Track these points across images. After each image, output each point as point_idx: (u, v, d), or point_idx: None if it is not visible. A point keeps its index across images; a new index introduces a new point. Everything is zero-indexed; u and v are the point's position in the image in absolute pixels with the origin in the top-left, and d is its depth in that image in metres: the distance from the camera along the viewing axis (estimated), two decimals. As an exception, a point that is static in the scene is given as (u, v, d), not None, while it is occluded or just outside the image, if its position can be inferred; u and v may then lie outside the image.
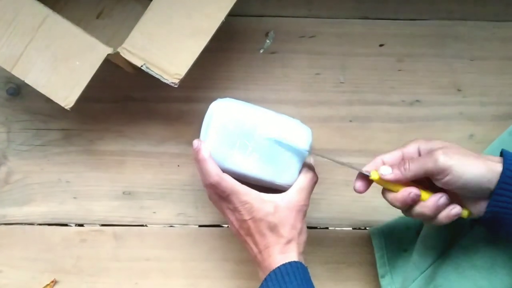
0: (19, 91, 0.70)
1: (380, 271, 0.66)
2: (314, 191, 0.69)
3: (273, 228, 0.55)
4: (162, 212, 0.70)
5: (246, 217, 0.56)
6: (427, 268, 0.61)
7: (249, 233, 0.56)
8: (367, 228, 0.70)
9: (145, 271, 0.69)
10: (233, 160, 0.58)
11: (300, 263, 0.55)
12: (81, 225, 0.70)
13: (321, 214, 0.70)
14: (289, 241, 0.56)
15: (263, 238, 0.56)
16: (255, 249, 0.57)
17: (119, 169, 0.70)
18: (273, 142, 0.58)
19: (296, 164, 0.59)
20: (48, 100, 0.59)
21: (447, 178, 0.50)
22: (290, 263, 0.54)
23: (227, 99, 0.61)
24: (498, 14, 0.73)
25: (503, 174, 0.49)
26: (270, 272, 0.54)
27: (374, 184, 0.57)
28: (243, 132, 0.58)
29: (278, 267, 0.54)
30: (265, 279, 0.54)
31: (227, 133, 0.58)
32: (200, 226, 0.70)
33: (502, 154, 0.52)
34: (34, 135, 0.70)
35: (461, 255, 0.58)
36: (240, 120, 0.59)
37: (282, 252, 0.55)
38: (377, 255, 0.66)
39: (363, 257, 0.69)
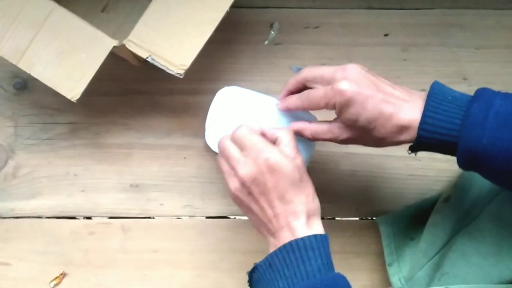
0: (25, 86, 0.71)
1: (388, 259, 0.66)
2: (320, 182, 0.70)
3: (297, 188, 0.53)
4: (169, 204, 0.70)
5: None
6: (434, 256, 0.61)
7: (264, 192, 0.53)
8: (373, 218, 0.70)
9: (153, 262, 0.69)
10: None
11: (325, 236, 0.52)
12: (89, 217, 0.70)
13: (328, 204, 0.70)
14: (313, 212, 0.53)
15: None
16: (269, 212, 0.52)
17: (126, 162, 0.71)
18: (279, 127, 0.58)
19: (302, 152, 0.59)
20: (55, 94, 0.60)
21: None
22: (315, 236, 0.50)
23: (234, 87, 0.62)
24: (503, 2, 0.73)
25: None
26: (292, 241, 0.50)
27: (380, 174, 0.58)
28: (249, 119, 0.58)
29: (302, 238, 0.50)
30: (284, 246, 0.50)
31: (233, 120, 0.59)
32: (207, 217, 0.70)
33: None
34: (41, 129, 0.71)
35: (467, 242, 0.58)
36: (246, 108, 0.59)
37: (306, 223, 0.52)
38: (384, 244, 0.66)
39: (370, 246, 0.69)
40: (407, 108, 0.51)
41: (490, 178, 0.50)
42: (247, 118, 0.59)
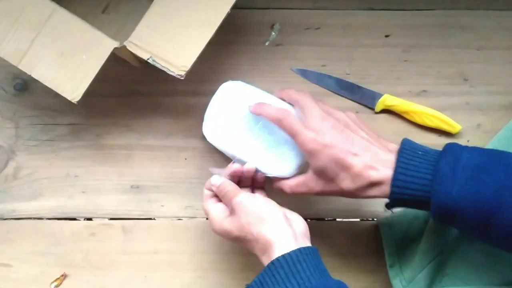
0: (26, 87, 0.71)
1: (389, 261, 0.66)
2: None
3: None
4: (170, 205, 0.70)
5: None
6: (435, 258, 0.61)
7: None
8: (374, 219, 0.70)
9: (154, 263, 0.69)
10: (233, 143, 0.60)
11: (312, 247, 0.53)
12: (90, 219, 0.70)
13: (329, 206, 0.70)
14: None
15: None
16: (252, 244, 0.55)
17: (127, 163, 0.71)
18: (275, 127, 0.58)
19: (294, 157, 0.59)
20: (56, 95, 0.60)
21: None
22: (300, 249, 0.51)
23: (239, 82, 0.62)
24: (503, 4, 0.74)
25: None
26: (279, 257, 0.51)
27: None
28: (247, 115, 0.59)
29: (289, 253, 0.51)
30: (272, 263, 0.51)
31: (233, 114, 0.59)
32: (207, 218, 0.70)
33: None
34: (42, 130, 0.71)
35: (468, 243, 0.58)
36: (245, 104, 0.60)
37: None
38: (385, 245, 0.66)
39: (371, 247, 0.69)
40: (378, 165, 0.52)
41: (465, 231, 0.52)
42: (245, 113, 0.60)
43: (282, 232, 0.52)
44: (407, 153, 0.52)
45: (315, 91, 0.72)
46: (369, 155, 0.53)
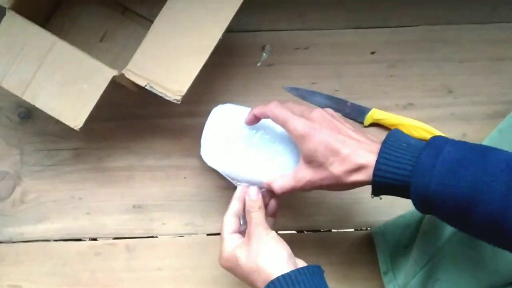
0: (30, 115, 0.73)
1: (382, 268, 0.68)
2: (316, 195, 0.72)
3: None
4: (171, 223, 0.73)
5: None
6: (426, 263, 0.62)
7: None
8: (368, 228, 0.72)
9: (158, 280, 0.71)
10: (232, 164, 0.62)
11: (313, 266, 0.54)
12: (95, 239, 0.73)
13: (323, 217, 0.73)
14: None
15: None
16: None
17: (128, 184, 0.73)
18: (270, 143, 0.61)
19: (294, 165, 0.62)
20: (58, 122, 0.62)
21: None
22: (298, 269, 0.53)
23: (228, 104, 0.65)
24: (483, 17, 0.76)
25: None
26: (278, 276, 0.51)
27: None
28: (242, 136, 0.62)
29: (288, 273, 0.52)
30: (272, 282, 0.52)
31: (226, 137, 0.62)
32: (208, 234, 0.73)
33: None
34: (46, 156, 0.73)
35: (458, 248, 0.60)
36: (239, 124, 0.62)
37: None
38: (379, 253, 0.68)
39: (365, 256, 0.71)
40: (364, 151, 0.54)
41: (445, 221, 0.52)
42: (240, 134, 0.62)
43: (286, 269, 0.53)
44: (391, 143, 0.52)
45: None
46: (355, 142, 0.55)
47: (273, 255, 0.54)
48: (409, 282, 0.64)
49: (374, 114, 0.73)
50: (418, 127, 0.72)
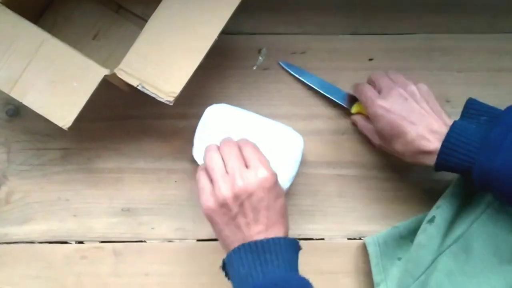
0: (18, 112, 0.72)
1: (376, 279, 0.67)
2: (309, 203, 0.71)
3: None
4: (161, 228, 0.71)
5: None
6: (420, 276, 0.62)
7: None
8: (361, 238, 0.71)
9: (145, 286, 0.70)
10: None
11: (289, 239, 0.53)
12: (81, 242, 0.71)
13: (316, 225, 0.71)
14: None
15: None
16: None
17: (117, 186, 0.72)
18: (264, 146, 0.60)
19: (285, 172, 0.61)
20: (47, 120, 0.61)
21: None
22: (274, 238, 0.52)
23: (223, 104, 0.64)
24: (482, 27, 0.76)
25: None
26: (251, 241, 0.51)
27: (367, 195, 0.60)
28: (235, 136, 0.60)
29: (261, 240, 0.51)
30: (243, 245, 0.51)
31: (220, 137, 0.61)
32: (198, 240, 0.71)
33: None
34: (33, 155, 0.72)
35: (452, 262, 0.60)
36: (233, 125, 0.61)
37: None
38: (372, 264, 0.67)
39: (358, 266, 0.70)
40: (432, 136, 0.57)
41: (502, 199, 0.55)
42: (234, 134, 0.61)
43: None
44: (458, 129, 0.56)
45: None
46: (424, 125, 0.58)
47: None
48: (402, 294, 0.63)
49: (358, 106, 0.72)
50: None
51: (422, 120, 0.59)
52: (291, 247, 0.53)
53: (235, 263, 0.52)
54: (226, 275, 0.55)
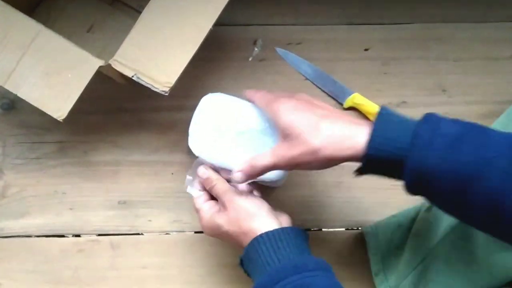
0: (13, 106, 0.72)
1: (374, 268, 0.67)
2: (306, 194, 0.71)
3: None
4: (158, 220, 0.71)
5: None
6: (418, 264, 0.62)
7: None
8: (359, 228, 0.71)
9: (143, 278, 0.70)
10: (220, 153, 0.60)
11: (295, 228, 0.55)
12: (78, 235, 0.71)
13: (314, 216, 0.71)
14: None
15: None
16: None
17: (114, 179, 0.71)
18: (260, 135, 0.59)
19: None
20: (42, 114, 0.60)
21: None
22: (282, 228, 0.54)
23: (218, 94, 0.63)
24: (478, 16, 0.76)
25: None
26: (262, 234, 0.53)
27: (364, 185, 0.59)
28: (232, 127, 0.60)
29: (271, 231, 0.53)
30: (256, 239, 0.53)
31: (217, 126, 0.60)
32: (195, 232, 0.71)
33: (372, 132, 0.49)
34: (29, 148, 0.71)
35: (450, 249, 0.59)
36: (229, 114, 0.61)
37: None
38: (370, 253, 0.67)
39: (356, 256, 0.70)
40: (350, 123, 0.50)
41: (438, 203, 0.50)
42: (230, 124, 0.61)
43: (270, 223, 0.55)
44: (385, 117, 0.49)
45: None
46: (339, 115, 0.52)
47: (252, 214, 0.56)
48: (401, 283, 0.63)
49: (355, 98, 0.72)
50: None
51: (334, 111, 0.53)
52: (298, 234, 0.55)
53: (252, 255, 0.53)
54: (245, 271, 0.56)
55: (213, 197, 0.61)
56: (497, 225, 0.46)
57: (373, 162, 0.49)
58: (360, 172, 0.51)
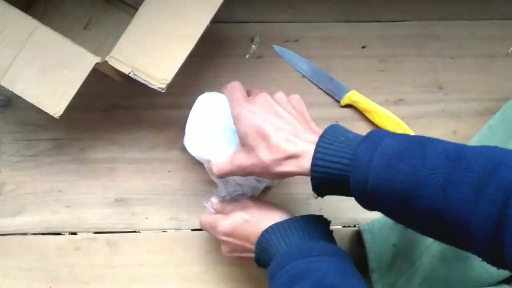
0: (9, 103, 0.71)
1: (371, 266, 0.66)
2: (302, 191, 0.71)
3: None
4: (155, 218, 0.71)
5: None
6: (415, 262, 0.62)
7: None
8: (356, 225, 0.71)
9: (140, 276, 0.69)
10: (215, 153, 0.60)
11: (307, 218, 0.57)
12: (75, 233, 0.70)
13: (311, 213, 0.71)
14: None
15: None
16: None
17: (111, 177, 0.71)
18: None
19: None
20: (39, 111, 0.60)
21: None
22: (292, 219, 0.56)
23: (214, 93, 0.63)
24: (475, 14, 0.76)
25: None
26: (272, 225, 0.55)
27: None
28: (228, 126, 0.60)
29: (281, 222, 0.55)
30: (266, 230, 0.55)
31: (212, 126, 0.60)
32: (192, 230, 0.71)
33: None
34: (26, 146, 0.71)
35: (448, 247, 0.59)
36: (225, 113, 0.61)
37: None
38: (367, 250, 0.67)
39: (353, 253, 0.69)
40: (299, 140, 0.52)
41: (389, 216, 0.51)
42: (226, 123, 0.60)
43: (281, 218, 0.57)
44: (329, 137, 0.50)
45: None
46: (290, 129, 0.53)
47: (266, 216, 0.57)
48: (397, 280, 0.63)
49: (352, 95, 0.72)
50: (391, 120, 0.71)
51: (288, 124, 0.53)
52: (311, 222, 0.56)
53: (263, 246, 0.55)
54: (261, 265, 0.57)
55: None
56: (443, 235, 0.47)
57: (320, 183, 0.51)
58: (315, 191, 0.54)
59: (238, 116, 0.56)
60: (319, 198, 0.55)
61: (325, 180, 0.50)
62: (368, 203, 0.49)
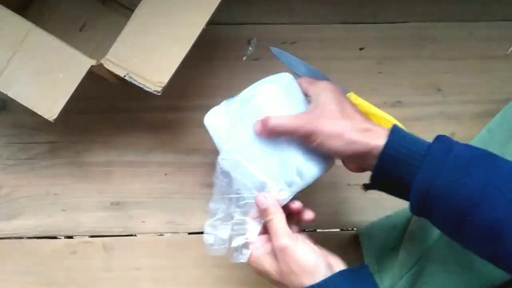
0: (4, 106, 0.71)
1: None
2: (300, 195, 0.70)
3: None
4: (151, 221, 0.70)
5: None
6: (413, 265, 0.61)
7: None
8: (354, 229, 0.71)
9: (136, 280, 0.69)
10: (235, 137, 0.58)
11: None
12: (71, 237, 0.70)
13: (308, 216, 0.71)
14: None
15: None
16: None
17: (107, 180, 0.71)
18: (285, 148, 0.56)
19: (318, 159, 0.58)
20: (34, 114, 0.59)
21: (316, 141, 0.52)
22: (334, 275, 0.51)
23: (216, 107, 0.60)
24: (473, 15, 0.76)
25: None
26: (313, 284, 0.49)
27: (358, 186, 0.58)
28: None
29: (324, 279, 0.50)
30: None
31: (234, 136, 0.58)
32: (189, 233, 0.71)
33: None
34: (21, 149, 0.71)
35: (445, 251, 0.59)
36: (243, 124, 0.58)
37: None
38: (365, 254, 0.67)
39: (352, 257, 0.69)
40: (373, 126, 0.51)
41: (438, 224, 0.50)
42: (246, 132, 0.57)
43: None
44: (400, 132, 0.50)
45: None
46: (363, 118, 0.53)
47: (307, 271, 0.50)
48: (395, 284, 0.63)
49: (350, 97, 0.71)
50: (390, 122, 0.70)
51: (356, 114, 0.53)
52: (349, 278, 0.52)
53: None
54: None
55: None
56: (494, 251, 0.46)
57: (383, 169, 0.50)
58: (368, 186, 0.53)
59: (323, 88, 0.55)
60: (319, 202, 0.54)
61: (391, 165, 0.49)
62: (424, 206, 0.48)
